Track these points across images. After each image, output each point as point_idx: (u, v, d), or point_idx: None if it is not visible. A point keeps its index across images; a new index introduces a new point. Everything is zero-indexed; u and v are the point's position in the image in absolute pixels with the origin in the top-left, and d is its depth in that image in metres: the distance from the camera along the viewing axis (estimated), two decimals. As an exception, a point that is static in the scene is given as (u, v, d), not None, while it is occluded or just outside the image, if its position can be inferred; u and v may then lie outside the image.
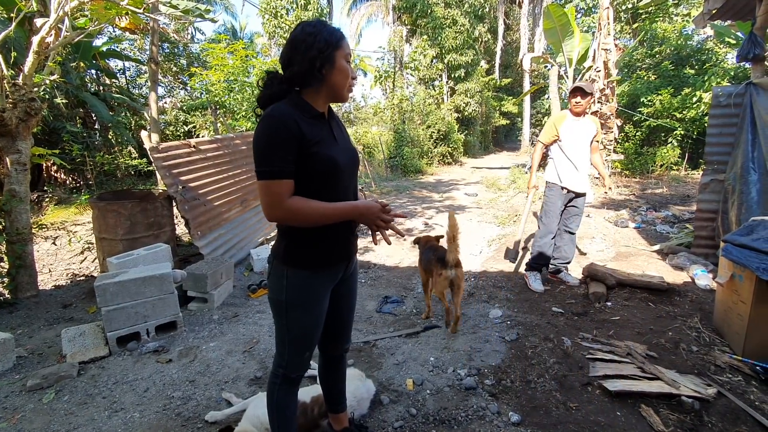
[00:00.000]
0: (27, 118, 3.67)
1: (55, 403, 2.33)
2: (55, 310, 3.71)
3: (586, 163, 3.56)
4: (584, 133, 3.52)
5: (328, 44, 1.33)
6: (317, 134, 1.36)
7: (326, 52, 1.33)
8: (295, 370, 1.56)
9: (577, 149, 3.51)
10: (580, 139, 3.51)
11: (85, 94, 8.84)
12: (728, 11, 4.57)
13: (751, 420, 1.95)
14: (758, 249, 2.40)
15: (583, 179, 3.55)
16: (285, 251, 1.43)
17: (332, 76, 1.37)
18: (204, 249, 4.22)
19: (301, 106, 1.36)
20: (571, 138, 3.52)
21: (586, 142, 3.52)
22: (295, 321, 1.47)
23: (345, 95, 1.43)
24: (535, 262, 3.81)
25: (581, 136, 3.51)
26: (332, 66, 1.35)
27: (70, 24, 4.04)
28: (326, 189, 1.39)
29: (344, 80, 1.40)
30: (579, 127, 3.52)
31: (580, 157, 3.51)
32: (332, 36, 1.35)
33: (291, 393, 1.60)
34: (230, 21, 24.68)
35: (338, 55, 1.36)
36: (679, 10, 13.40)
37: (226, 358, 2.74)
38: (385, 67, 18.09)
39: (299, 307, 1.45)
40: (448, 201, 8.87)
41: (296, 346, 1.51)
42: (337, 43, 1.35)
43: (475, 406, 2.14)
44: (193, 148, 4.51)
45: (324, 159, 1.35)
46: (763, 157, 3.57)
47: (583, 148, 3.52)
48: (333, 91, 1.41)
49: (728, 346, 2.61)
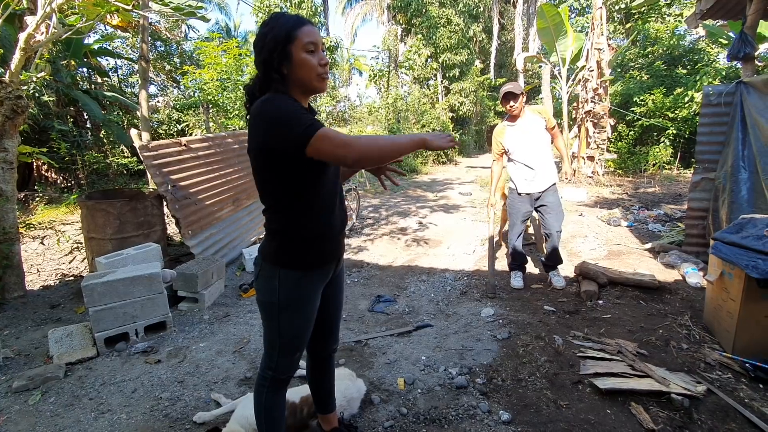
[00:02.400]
0: (13, 115, 3.61)
1: (41, 404, 2.29)
2: (43, 311, 3.66)
3: (543, 159, 3.49)
4: (530, 131, 3.47)
5: (277, 41, 1.26)
6: None
7: (277, 49, 1.26)
8: (285, 372, 1.54)
9: (527, 150, 3.47)
10: (527, 140, 3.47)
11: (76, 92, 8.73)
12: (719, 10, 4.60)
13: (741, 417, 1.96)
14: (747, 247, 2.41)
15: (543, 175, 3.50)
16: (276, 252, 1.40)
17: (292, 72, 1.29)
18: (195, 248, 4.18)
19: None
20: (516, 144, 3.50)
21: (534, 138, 3.46)
22: (287, 322, 1.44)
23: (316, 86, 1.33)
24: (512, 261, 3.89)
25: (527, 135, 3.47)
26: (289, 62, 1.28)
27: (58, 20, 3.98)
28: (316, 186, 1.35)
29: (308, 72, 1.29)
30: (522, 129, 3.48)
31: (532, 156, 3.47)
32: (282, 30, 1.26)
33: (279, 395, 1.58)
34: (224, 19, 24.59)
35: (294, 49, 1.27)
36: (672, 10, 13.50)
37: (215, 359, 2.72)
38: (380, 67, 18.03)
39: (291, 309, 1.42)
40: (443, 200, 8.87)
41: (287, 348, 1.49)
42: (289, 36, 1.26)
43: (466, 405, 2.14)
44: (184, 146, 4.46)
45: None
46: (753, 155, 3.59)
47: (533, 146, 3.47)
48: (302, 86, 1.33)
49: (718, 343, 2.62)
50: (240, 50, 9.05)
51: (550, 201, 3.57)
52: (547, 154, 3.52)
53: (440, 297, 3.77)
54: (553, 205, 3.56)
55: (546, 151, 3.51)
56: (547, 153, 3.51)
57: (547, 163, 3.50)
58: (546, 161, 3.50)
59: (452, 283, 4.06)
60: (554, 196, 3.57)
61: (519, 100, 3.37)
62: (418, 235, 6.01)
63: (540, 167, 3.48)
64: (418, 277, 4.33)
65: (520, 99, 3.38)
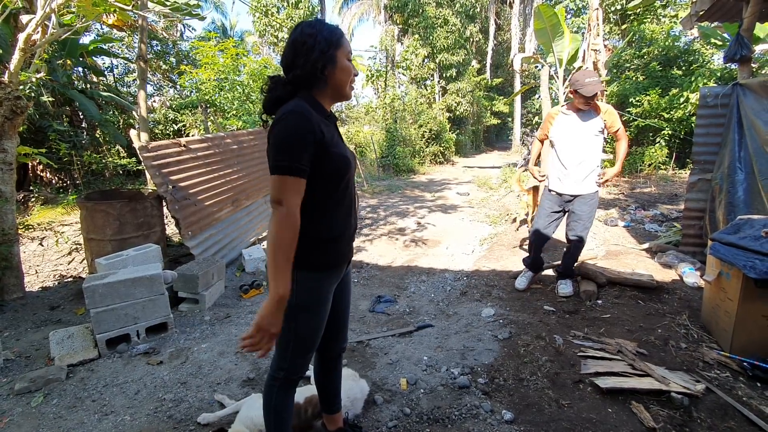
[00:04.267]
0: (12, 116, 3.60)
1: (43, 406, 2.29)
2: (43, 312, 3.65)
3: (584, 161, 3.19)
4: (582, 128, 3.17)
5: (329, 44, 1.32)
6: (332, 134, 1.38)
7: (328, 52, 1.32)
8: (297, 372, 1.55)
9: (570, 147, 3.22)
10: (575, 136, 3.19)
11: (73, 92, 8.69)
12: (715, 12, 4.64)
13: (739, 415, 1.99)
14: (745, 247, 2.44)
15: (576, 179, 3.23)
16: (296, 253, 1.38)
17: (335, 75, 1.37)
18: (195, 249, 4.18)
19: (315, 106, 1.36)
20: (562, 135, 3.25)
21: (584, 137, 3.17)
22: (304, 323, 1.46)
23: (348, 93, 1.44)
24: (527, 259, 3.76)
25: (578, 132, 3.18)
26: (334, 66, 1.35)
27: (56, 21, 3.96)
28: (339, 188, 1.40)
29: (346, 78, 1.39)
30: (576, 123, 3.19)
31: (573, 154, 3.20)
32: (333, 35, 1.34)
33: (289, 395, 1.59)
34: (220, 19, 24.51)
35: (340, 54, 1.36)
36: (667, 12, 13.58)
37: (218, 360, 2.72)
38: (377, 67, 18.04)
39: (308, 310, 1.44)
40: (440, 200, 8.90)
41: (301, 348, 1.50)
42: (338, 42, 1.35)
43: (468, 405, 2.15)
44: (184, 147, 4.46)
45: (340, 159, 1.36)
46: (749, 156, 3.63)
47: (579, 145, 3.18)
48: (336, 91, 1.41)
49: (716, 342, 2.65)
50: (237, 50, 9.03)
51: (578, 208, 3.30)
52: (591, 159, 3.19)
53: (440, 297, 3.79)
54: (581, 213, 3.30)
55: (591, 155, 3.19)
56: (591, 157, 3.19)
57: (585, 168, 3.20)
58: (586, 165, 3.20)
59: (452, 283, 4.08)
60: (588, 205, 3.28)
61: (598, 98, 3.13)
62: (417, 236, 6.03)
63: (576, 169, 3.22)
64: (417, 278, 4.35)
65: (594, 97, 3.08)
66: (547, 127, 3.41)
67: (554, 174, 3.38)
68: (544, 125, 3.45)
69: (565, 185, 3.31)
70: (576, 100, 3.16)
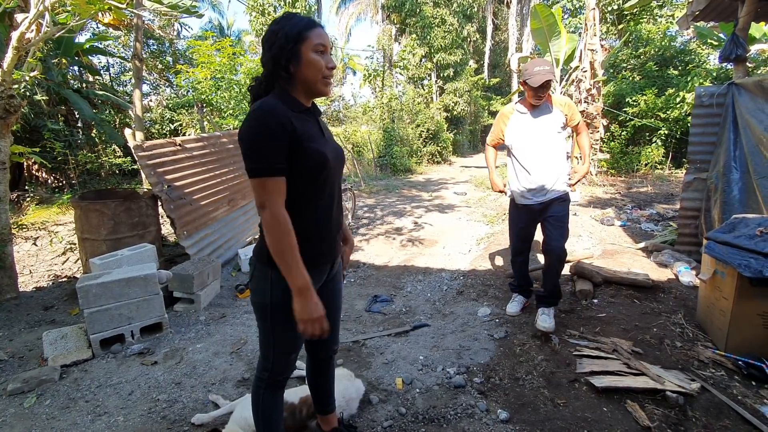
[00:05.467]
0: (6, 115, 3.57)
1: (36, 407, 2.27)
2: (36, 313, 3.62)
3: (550, 163, 2.77)
4: (542, 127, 2.78)
5: (288, 39, 1.27)
6: (308, 129, 1.33)
7: (288, 47, 1.27)
8: (282, 373, 1.54)
9: (531, 150, 2.80)
10: (536, 136, 2.78)
11: (67, 91, 8.64)
12: (711, 12, 4.65)
13: (734, 414, 1.99)
14: (740, 246, 2.45)
15: (546, 183, 2.78)
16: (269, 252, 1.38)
17: (300, 71, 1.30)
18: (190, 249, 4.16)
19: (288, 101, 1.32)
20: (520, 138, 2.83)
21: (545, 137, 2.77)
22: (281, 324, 1.43)
23: (321, 89, 1.35)
24: (512, 283, 3.35)
25: (537, 132, 2.78)
26: (298, 61, 1.29)
27: (51, 19, 3.93)
28: (315, 185, 1.37)
29: (315, 74, 1.31)
30: (534, 122, 2.79)
31: (536, 158, 2.79)
32: (294, 29, 1.27)
33: (277, 396, 1.58)
34: (217, 18, 24.44)
35: (304, 49, 1.28)
36: (663, 12, 13.63)
37: (213, 360, 2.71)
38: (374, 66, 18.03)
39: (285, 310, 1.38)
40: (438, 200, 8.89)
41: (282, 349, 1.49)
42: (300, 36, 1.28)
43: (464, 404, 2.15)
44: (179, 146, 4.43)
45: (315, 154, 1.32)
46: (744, 156, 3.64)
47: (541, 146, 2.77)
48: (306, 87, 1.34)
49: (711, 341, 2.66)
50: (234, 49, 9.00)
51: (554, 212, 2.83)
52: (557, 160, 2.79)
53: (437, 297, 3.78)
54: (556, 215, 2.83)
55: (556, 156, 2.78)
56: (556, 158, 2.78)
57: (552, 171, 2.77)
58: (552, 168, 2.77)
59: (448, 283, 4.08)
60: (561, 206, 2.84)
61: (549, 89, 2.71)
62: (414, 235, 6.02)
63: (541, 174, 2.77)
64: (414, 277, 4.34)
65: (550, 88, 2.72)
66: (499, 129, 2.94)
67: (517, 184, 2.90)
68: (496, 128, 2.97)
69: (532, 195, 2.84)
70: (527, 93, 2.76)
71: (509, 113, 2.90)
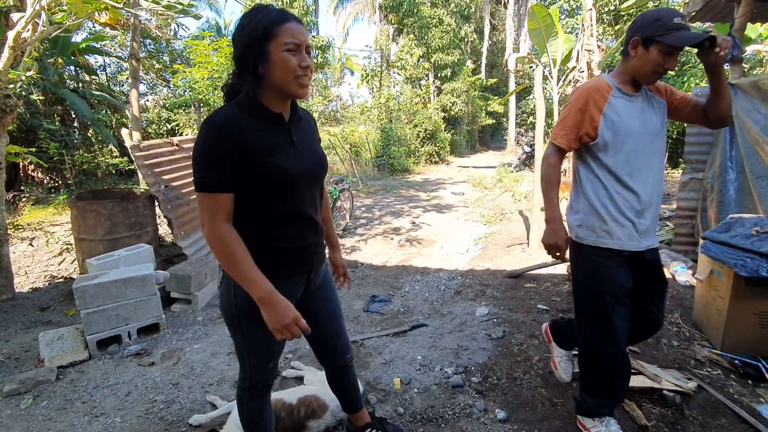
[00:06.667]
0: (2, 115, 3.55)
1: (33, 408, 2.26)
2: (33, 314, 3.60)
3: (657, 185, 1.71)
4: (653, 120, 1.70)
5: (253, 37, 1.15)
6: (267, 141, 1.21)
7: (253, 47, 1.15)
8: (261, 381, 1.50)
9: (641, 155, 1.66)
10: (647, 134, 1.67)
11: (64, 90, 8.61)
12: (707, 13, 4.68)
13: (731, 413, 2.00)
14: (736, 246, 2.46)
15: (651, 223, 1.72)
16: None
17: (267, 72, 1.18)
18: (188, 249, 4.15)
19: (251, 109, 1.21)
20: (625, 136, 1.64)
21: (657, 136, 1.70)
22: (251, 334, 1.37)
23: (295, 90, 1.21)
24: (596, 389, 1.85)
25: (648, 126, 1.68)
26: (266, 61, 1.16)
27: (47, 19, 3.92)
28: (279, 201, 1.27)
29: (285, 75, 1.17)
30: (644, 111, 1.69)
31: (646, 170, 1.68)
32: (260, 25, 1.14)
33: (261, 403, 1.54)
34: (214, 18, 24.40)
35: (272, 47, 1.15)
36: (660, 13, 13.69)
37: (210, 360, 2.70)
38: (372, 66, 18.02)
39: (251, 320, 1.29)
40: (436, 200, 8.90)
41: (256, 359, 1.44)
42: (266, 33, 1.14)
43: (462, 404, 2.15)
44: (176, 146, 4.43)
45: (274, 169, 1.21)
46: (740, 156, 3.66)
47: (653, 150, 1.69)
48: (278, 89, 1.21)
49: (707, 340, 2.67)
50: (231, 49, 8.99)
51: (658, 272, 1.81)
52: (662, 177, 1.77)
53: (435, 296, 3.79)
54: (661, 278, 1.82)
55: (662, 170, 1.75)
56: (662, 174, 1.76)
57: (660, 195, 1.74)
58: (660, 190, 1.73)
59: (446, 283, 4.09)
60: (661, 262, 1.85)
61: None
62: (412, 235, 6.03)
63: (656, 197, 1.71)
64: (412, 277, 4.34)
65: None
66: (590, 117, 1.67)
67: (616, 214, 1.68)
68: (579, 117, 1.68)
69: (639, 235, 1.70)
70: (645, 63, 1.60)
71: (605, 90, 1.67)
